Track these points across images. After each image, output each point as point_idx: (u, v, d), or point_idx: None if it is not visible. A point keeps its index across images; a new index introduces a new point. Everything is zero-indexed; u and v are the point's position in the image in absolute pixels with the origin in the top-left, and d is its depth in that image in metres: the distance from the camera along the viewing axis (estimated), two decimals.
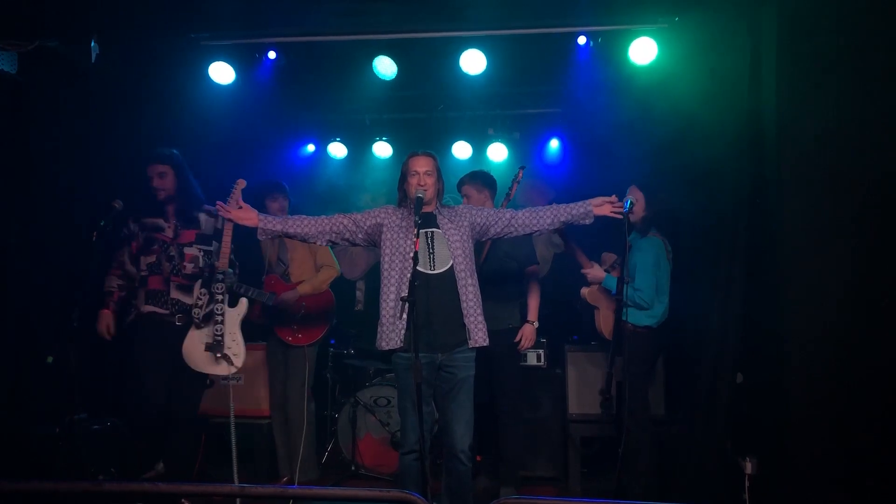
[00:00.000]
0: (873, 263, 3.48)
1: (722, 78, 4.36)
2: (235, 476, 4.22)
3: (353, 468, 5.40)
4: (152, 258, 4.41)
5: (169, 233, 4.46)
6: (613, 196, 3.96)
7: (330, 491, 2.76)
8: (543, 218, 3.93)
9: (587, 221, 3.96)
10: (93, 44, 4.70)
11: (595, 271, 4.65)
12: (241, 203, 3.96)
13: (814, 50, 3.71)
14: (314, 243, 4.00)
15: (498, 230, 3.95)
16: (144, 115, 5.20)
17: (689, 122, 4.63)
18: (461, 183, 4.90)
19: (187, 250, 4.47)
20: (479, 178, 4.87)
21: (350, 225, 3.91)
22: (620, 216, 3.95)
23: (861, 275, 3.52)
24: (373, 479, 5.36)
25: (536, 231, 4.00)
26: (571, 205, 3.96)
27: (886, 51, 3.48)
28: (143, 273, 4.42)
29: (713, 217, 4.42)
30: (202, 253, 4.51)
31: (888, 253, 3.44)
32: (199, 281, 4.39)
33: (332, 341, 6.03)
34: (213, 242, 4.55)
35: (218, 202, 3.99)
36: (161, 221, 4.48)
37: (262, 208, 4.98)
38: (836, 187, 3.61)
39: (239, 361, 4.31)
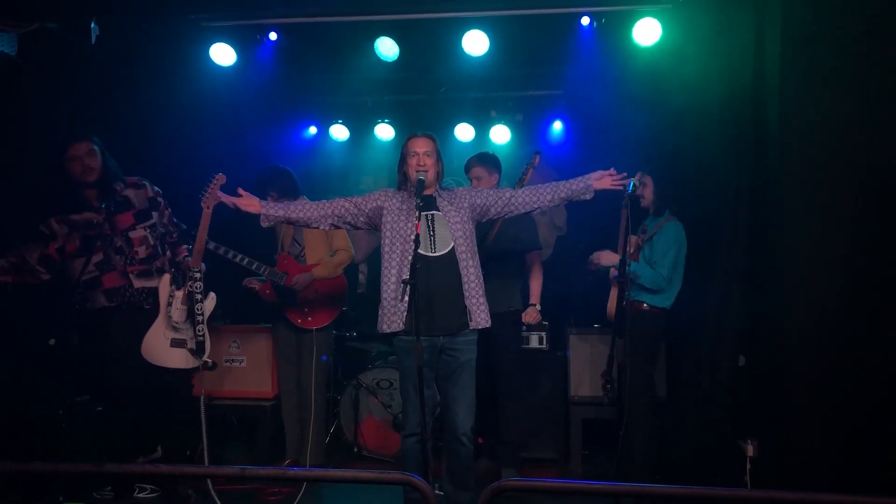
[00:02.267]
0: (874, 249, 3.48)
1: (726, 60, 4.33)
2: (206, 458, 4.21)
3: (355, 450, 5.43)
4: (99, 256, 4.22)
5: (104, 225, 4.21)
6: (612, 169, 3.91)
7: (332, 472, 2.76)
8: (543, 195, 3.91)
9: (587, 197, 3.92)
10: (93, 25, 4.66)
11: (608, 255, 4.60)
12: (241, 192, 3.93)
13: (819, 34, 3.68)
14: (317, 227, 3.99)
15: (498, 210, 3.93)
16: (145, 96, 5.19)
17: (693, 105, 4.60)
18: (470, 164, 4.86)
19: (132, 234, 4.30)
20: (490, 160, 4.85)
21: (352, 208, 3.90)
22: (621, 188, 3.90)
23: (861, 260, 3.51)
24: (375, 460, 5.39)
25: (536, 209, 3.97)
26: (571, 181, 3.92)
27: (892, 33, 3.45)
28: (90, 273, 4.19)
29: (715, 201, 4.40)
30: (148, 231, 4.35)
31: (889, 240, 3.43)
32: (167, 277, 4.28)
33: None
34: (152, 213, 4.40)
35: (203, 200, 3.95)
36: (90, 215, 4.25)
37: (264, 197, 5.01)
38: (838, 173, 3.60)
39: (205, 354, 4.28)
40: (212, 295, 4.38)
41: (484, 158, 4.85)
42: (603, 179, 3.88)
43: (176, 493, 4.29)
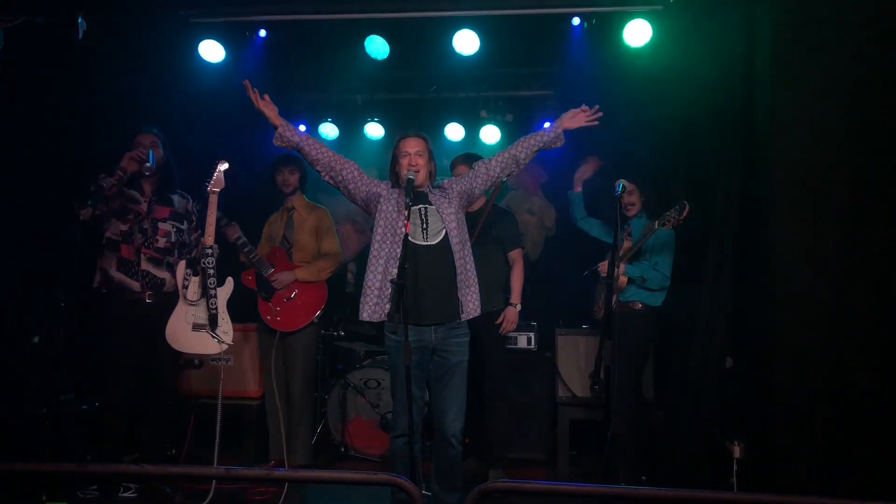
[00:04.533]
0: (861, 254, 3.49)
1: (716, 62, 4.34)
2: (216, 458, 4.19)
3: (342, 450, 5.41)
4: (126, 226, 4.34)
5: (143, 206, 4.39)
6: (583, 105, 3.91)
7: (318, 473, 2.74)
8: (518, 155, 3.90)
9: (559, 143, 3.94)
10: (80, 20, 4.61)
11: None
12: (266, 98, 3.91)
13: (810, 37, 3.69)
14: (317, 170, 3.95)
15: (481, 184, 3.92)
16: (132, 92, 5.15)
17: (683, 107, 4.62)
18: (455, 162, 4.90)
19: (161, 225, 4.42)
20: (475, 160, 4.84)
21: (357, 179, 3.86)
22: (597, 123, 3.90)
23: (849, 264, 3.52)
24: (362, 460, 5.38)
25: (516, 170, 3.97)
26: (541, 131, 3.92)
27: (882, 39, 3.47)
28: (114, 237, 4.34)
29: (704, 203, 4.40)
30: (174, 229, 4.47)
31: (875, 242, 3.44)
32: (183, 262, 4.34)
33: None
34: (185, 222, 4.54)
35: (246, 81, 3.92)
36: (136, 194, 4.41)
37: (273, 181, 5.06)
38: (827, 177, 3.61)
39: (229, 339, 4.27)
40: (229, 280, 4.39)
41: (470, 157, 4.85)
42: (576, 117, 3.89)
43: (159, 493, 4.27)
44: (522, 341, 5.33)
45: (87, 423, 4.58)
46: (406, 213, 3.51)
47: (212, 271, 4.21)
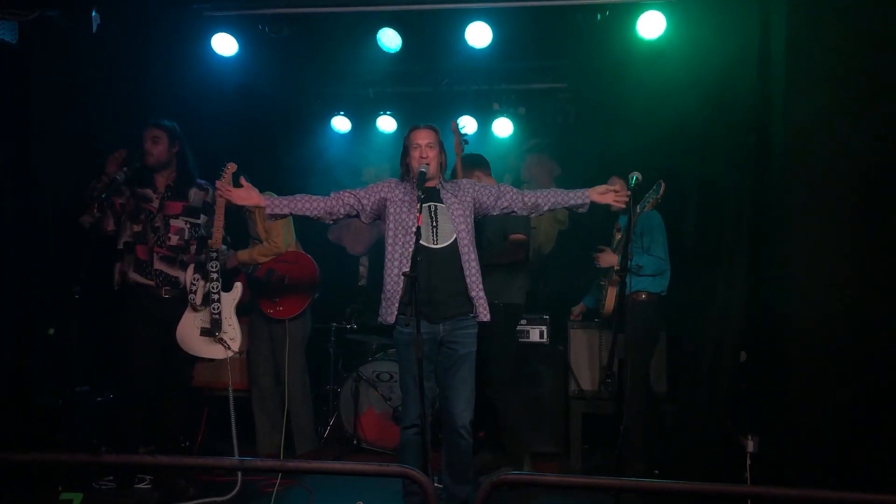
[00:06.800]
0: (876, 246, 3.46)
1: (731, 54, 4.30)
2: (236, 450, 4.22)
3: (354, 442, 5.43)
4: (139, 227, 4.35)
5: (154, 204, 4.38)
6: (617, 185, 3.90)
7: (330, 465, 2.76)
8: (543, 203, 3.94)
9: (581, 210, 3.95)
10: (94, 14, 4.64)
11: (607, 256, 4.63)
12: (242, 181, 3.85)
13: (826, 28, 3.66)
14: (324, 221, 3.96)
15: (496, 210, 3.94)
16: (146, 86, 5.16)
17: (697, 98, 4.58)
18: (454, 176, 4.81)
19: (173, 222, 4.41)
20: (467, 163, 4.81)
21: (355, 203, 3.88)
22: (624, 206, 3.90)
23: (864, 255, 3.50)
24: (374, 453, 5.39)
25: (533, 215, 4.05)
26: (571, 193, 3.93)
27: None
28: (128, 239, 4.35)
29: (718, 195, 4.38)
30: (188, 225, 4.45)
31: (890, 234, 3.41)
32: (192, 266, 4.33)
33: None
34: (202, 216, 4.51)
35: (217, 182, 3.91)
36: (149, 192, 4.40)
37: None
38: (842, 169, 3.59)
39: (236, 346, 4.28)
40: (237, 285, 4.39)
41: (468, 165, 4.80)
42: (606, 195, 3.86)
43: (174, 485, 4.30)
44: (535, 335, 5.32)
45: (103, 415, 4.61)
46: (418, 206, 3.52)
47: (216, 275, 4.20)
